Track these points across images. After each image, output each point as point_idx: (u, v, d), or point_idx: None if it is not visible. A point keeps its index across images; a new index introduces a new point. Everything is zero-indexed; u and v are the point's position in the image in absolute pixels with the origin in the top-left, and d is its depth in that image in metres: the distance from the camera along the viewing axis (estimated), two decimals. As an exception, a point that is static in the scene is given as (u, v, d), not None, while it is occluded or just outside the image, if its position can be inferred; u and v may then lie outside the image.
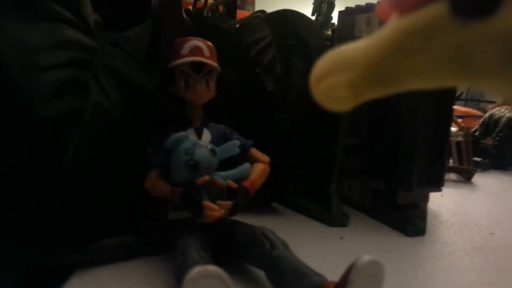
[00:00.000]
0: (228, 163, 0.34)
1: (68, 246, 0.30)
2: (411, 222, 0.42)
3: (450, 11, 0.10)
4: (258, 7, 2.16)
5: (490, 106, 0.99)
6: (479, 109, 1.21)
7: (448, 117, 0.42)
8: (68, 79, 0.30)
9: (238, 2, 2.07)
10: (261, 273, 0.29)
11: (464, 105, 1.23)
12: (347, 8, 0.53)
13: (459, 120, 1.11)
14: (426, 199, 0.46)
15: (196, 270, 0.21)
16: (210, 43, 0.35)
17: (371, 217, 0.46)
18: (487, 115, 0.91)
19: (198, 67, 0.34)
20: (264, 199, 0.48)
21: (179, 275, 0.24)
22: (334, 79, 0.13)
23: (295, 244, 0.31)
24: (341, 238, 0.40)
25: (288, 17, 0.50)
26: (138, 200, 0.33)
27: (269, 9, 0.55)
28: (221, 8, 0.86)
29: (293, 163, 0.47)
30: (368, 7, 0.49)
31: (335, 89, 0.13)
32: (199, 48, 0.34)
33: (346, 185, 0.51)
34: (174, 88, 0.34)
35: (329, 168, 0.46)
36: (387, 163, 0.44)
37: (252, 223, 0.38)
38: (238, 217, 0.32)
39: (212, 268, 0.22)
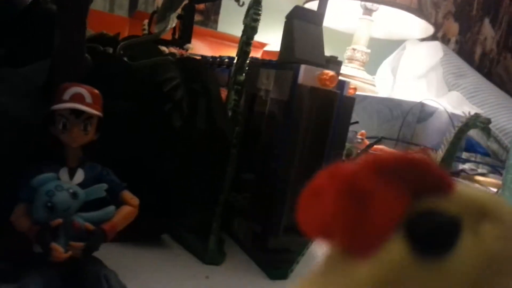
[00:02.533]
0: (104, 203, 0.37)
1: None
2: (275, 266, 0.46)
3: (410, 251, 0.10)
4: (220, 25, 2.20)
5: (410, 151, 1.06)
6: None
7: (319, 169, 0.47)
8: None
9: (201, 18, 2.11)
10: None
11: (395, 146, 1.30)
12: (254, 59, 0.58)
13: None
14: (301, 243, 0.50)
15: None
16: (95, 90, 0.39)
17: (248, 257, 0.50)
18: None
19: (78, 113, 0.37)
20: (154, 231, 0.51)
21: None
22: None
23: (162, 280, 0.36)
24: (207, 277, 0.43)
25: (194, 64, 0.54)
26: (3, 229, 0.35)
27: (233, 28, 0.59)
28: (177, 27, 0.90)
29: (184, 198, 0.51)
30: (269, 64, 0.54)
31: None
32: (80, 95, 0.37)
33: (236, 222, 0.55)
34: (53, 128, 0.37)
35: (215, 205, 0.50)
36: (264, 207, 0.48)
37: (136, 253, 0.41)
38: (126, 246, 0.37)
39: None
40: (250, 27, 0.56)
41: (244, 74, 0.63)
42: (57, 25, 0.43)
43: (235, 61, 0.67)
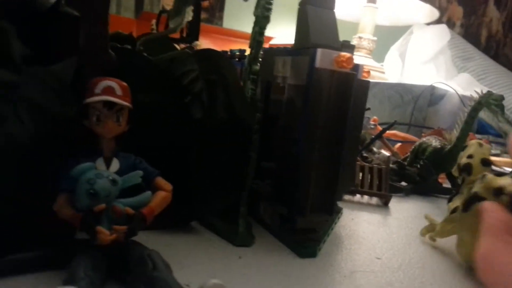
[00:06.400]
0: (138, 190, 0.39)
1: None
2: (304, 245, 0.47)
3: None
4: (226, 21, 2.22)
5: (423, 133, 1.07)
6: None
7: (338, 154, 0.48)
8: (-18, 115, 0.34)
9: (206, 16, 2.12)
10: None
11: (408, 131, 1.30)
12: (269, 48, 0.59)
13: (398, 144, 1.19)
14: (324, 224, 0.52)
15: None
16: (124, 83, 0.40)
17: (276, 239, 0.52)
18: (417, 143, 0.98)
19: (110, 105, 0.38)
20: (184, 218, 0.53)
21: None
22: None
23: (198, 262, 0.38)
24: (240, 257, 0.45)
25: (212, 56, 0.55)
26: (47, 219, 0.37)
27: (237, 24, 0.60)
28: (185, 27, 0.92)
29: (210, 186, 0.52)
30: (284, 51, 0.55)
31: None
32: (111, 88, 0.39)
33: (261, 207, 0.56)
34: (87, 121, 0.39)
35: (241, 191, 0.52)
36: (289, 190, 0.50)
37: (169, 240, 0.43)
38: (159, 234, 0.40)
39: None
40: (263, 17, 0.57)
41: (258, 64, 0.65)
42: (81, 24, 0.45)
43: (247, 52, 0.69)
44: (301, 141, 0.48)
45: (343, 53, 0.47)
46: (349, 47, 0.62)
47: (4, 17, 0.43)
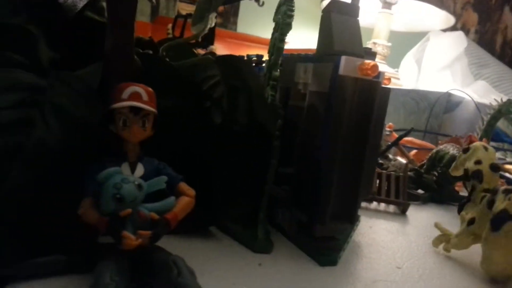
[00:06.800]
0: (161, 195, 0.39)
1: (5, 261, 0.34)
2: (324, 253, 0.47)
3: None
4: (240, 26, 2.23)
5: (440, 141, 1.06)
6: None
7: (360, 162, 0.48)
8: (13, 119, 0.34)
9: (221, 21, 2.13)
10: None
11: (423, 138, 1.29)
12: (290, 55, 0.59)
13: (414, 151, 1.18)
14: (344, 232, 0.51)
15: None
16: (149, 89, 0.41)
17: (295, 246, 0.51)
18: (434, 150, 0.97)
19: (136, 110, 0.39)
20: (202, 223, 0.53)
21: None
22: None
23: (217, 268, 0.38)
24: (260, 264, 0.45)
25: (234, 61, 0.55)
26: (70, 223, 0.38)
27: (251, 29, 0.60)
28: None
29: (229, 191, 0.52)
30: (306, 57, 0.55)
31: None
32: (138, 94, 0.39)
33: (280, 213, 0.56)
34: (113, 126, 0.39)
35: (260, 197, 0.52)
36: (309, 197, 0.49)
37: (188, 244, 0.44)
38: (177, 238, 0.40)
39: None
40: (285, 24, 0.57)
41: (278, 70, 0.65)
42: (107, 30, 0.45)
43: (266, 58, 0.69)
44: (323, 148, 0.48)
45: (367, 61, 0.47)
46: (371, 54, 0.62)
47: (32, 22, 0.43)
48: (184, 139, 0.51)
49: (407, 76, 1.67)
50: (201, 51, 0.86)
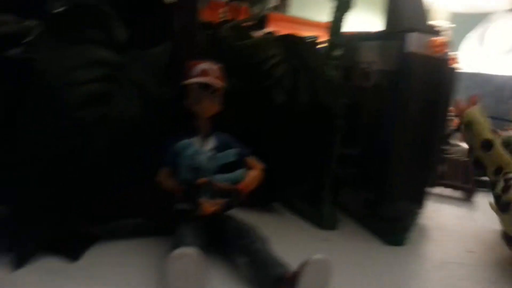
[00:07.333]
0: (230, 167, 0.40)
1: (92, 221, 0.37)
2: (392, 232, 0.46)
3: None
4: (292, 9, 2.20)
5: (508, 127, 1.00)
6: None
7: (430, 142, 0.46)
8: (96, 92, 0.37)
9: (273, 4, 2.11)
10: (242, 261, 0.35)
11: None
12: (354, 33, 0.58)
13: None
14: (412, 213, 0.50)
15: (177, 251, 0.27)
16: (218, 66, 0.42)
17: (360, 224, 0.51)
18: (502, 136, 0.92)
19: (206, 86, 0.40)
20: (266, 199, 0.54)
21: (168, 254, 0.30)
22: None
23: (284, 241, 0.38)
24: (325, 240, 0.45)
25: (295, 41, 0.55)
26: (149, 190, 0.40)
27: (304, 11, 0.59)
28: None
29: (293, 168, 0.53)
30: (371, 36, 0.54)
31: None
32: (207, 70, 0.41)
33: (342, 192, 0.56)
34: (186, 101, 0.41)
35: (324, 176, 0.52)
36: (378, 176, 0.49)
37: (255, 218, 0.43)
38: (245, 212, 0.40)
39: (190, 250, 0.28)
40: (344, 2, 0.56)
41: (339, 49, 0.64)
42: (175, 12, 0.47)
43: (325, 38, 0.68)
44: (391, 126, 0.47)
45: (436, 38, 0.45)
46: (435, 32, 0.59)
47: (107, 3, 0.45)
48: (246, 118, 0.52)
49: (467, 59, 1.58)
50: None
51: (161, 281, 0.31)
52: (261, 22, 0.92)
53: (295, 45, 0.56)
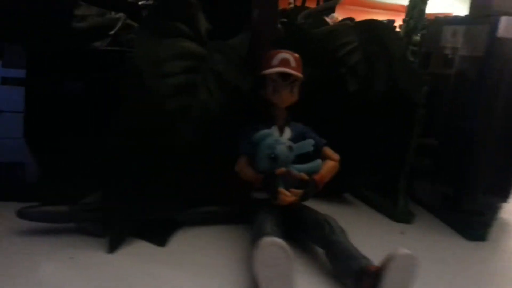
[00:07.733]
0: (304, 158, 0.41)
1: (176, 208, 0.40)
2: (473, 227, 0.44)
3: None
4: None
5: None
6: None
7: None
8: (183, 83, 0.39)
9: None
10: (320, 251, 0.35)
11: None
12: (436, 17, 0.55)
13: None
14: (493, 207, 0.48)
15: (266, 239, 0.28)
16: (297, 55, 0.42)
17: (436, 218, 0.49)
18: None
19: (285, 76, 0.40)
20: (338, 189, 0.54)
21: (253, 242, 0.31)
22: None
23: (358, 232, 0.37)
24: (402, 233, 0.44)
25: (374, 26, 0.54)
26: (229, 178, 0.42)
27: None
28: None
29: (366, 159, 0.52)
30: (455, 20, 0.51)
31: None
32: (287, 60, 0.41)
33: (417, 184, 0.54)
34: (263, 91, 0.42)
35: (400, 166, 0.51)
36: (458, 168, 0.47)
37: (325, 209, 0.43)
38: (315, 202, 0.40)
39: (279, 240, 0.29)
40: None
41: (419, 34, 0.61)
42: (253, 1, 0.48)
43: (402, 23, 0.65)
44: (476, 116, 0.45)
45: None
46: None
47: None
48: (319, 107, 0.52)
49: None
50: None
51: (249, 269, 0.32)
52: (329, 7, 0.90)
53: (374, 31, 0.55)
